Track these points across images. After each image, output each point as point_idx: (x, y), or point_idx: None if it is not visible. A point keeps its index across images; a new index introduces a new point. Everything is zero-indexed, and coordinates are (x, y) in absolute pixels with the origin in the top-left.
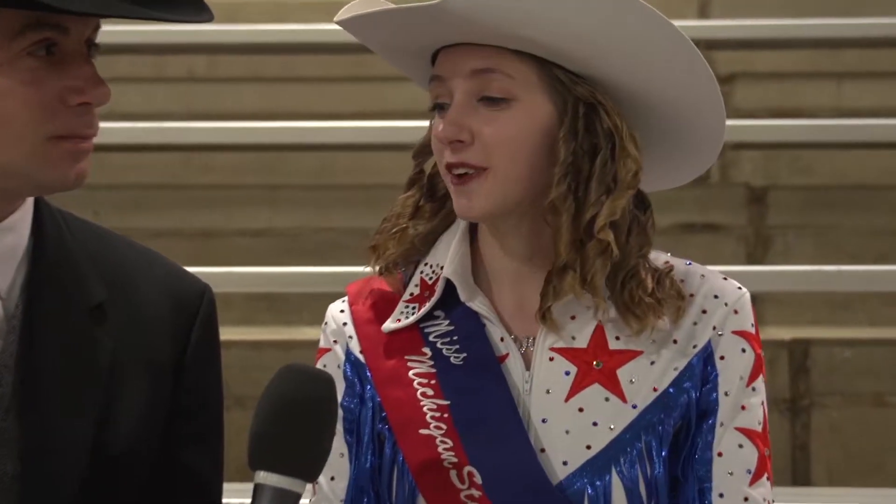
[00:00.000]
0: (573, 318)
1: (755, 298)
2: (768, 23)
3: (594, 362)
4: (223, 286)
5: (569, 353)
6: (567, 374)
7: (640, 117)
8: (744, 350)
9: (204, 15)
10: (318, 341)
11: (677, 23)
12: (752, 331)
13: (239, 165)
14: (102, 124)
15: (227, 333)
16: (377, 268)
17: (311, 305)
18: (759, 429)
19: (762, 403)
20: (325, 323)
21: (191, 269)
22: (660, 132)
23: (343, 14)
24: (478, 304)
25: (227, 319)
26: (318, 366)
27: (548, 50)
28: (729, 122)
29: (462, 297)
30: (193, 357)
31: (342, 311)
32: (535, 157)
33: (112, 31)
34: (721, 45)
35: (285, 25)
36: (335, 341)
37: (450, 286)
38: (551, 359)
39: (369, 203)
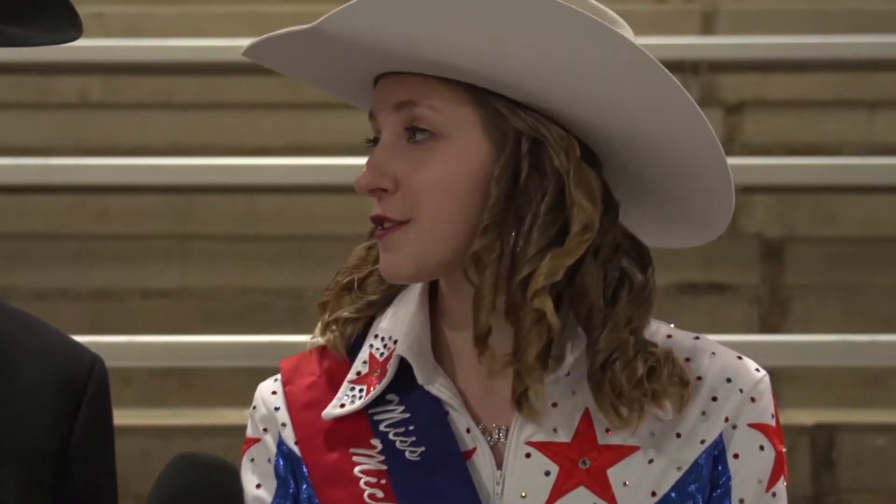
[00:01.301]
0: (555, 405)
1: (770, 374)
2: (785, 41)
3: (580, 460)
4: (121, 359)
5: (549, 449)
6: (547, 474)
7: (618, 161)
8: (762, 447)
9: (71, 32)
10: (238, 426)
11: (676, 40)
12: (773, 423)
13: (143, 211)
14: None
15: (125, 417)
16: (326, 332)
17: (230, 383)
18: None
19: None
20: (254, 407)
21: (81, 339)
22: (647, 180)
23: (249, 45)
24: (438, 388)
25: (125, 399)
26: (245, 460)
27: (480, 77)
28: (738, 161)
29: (420, 380)
30: (80, 445)
31: (274, 392)
32: (469, 205)
33: None
34: (728, 66)
35: (201, 40)
36: (265, 430)
37: (405, 364)
38: (528, 455)
39: (303, 258)
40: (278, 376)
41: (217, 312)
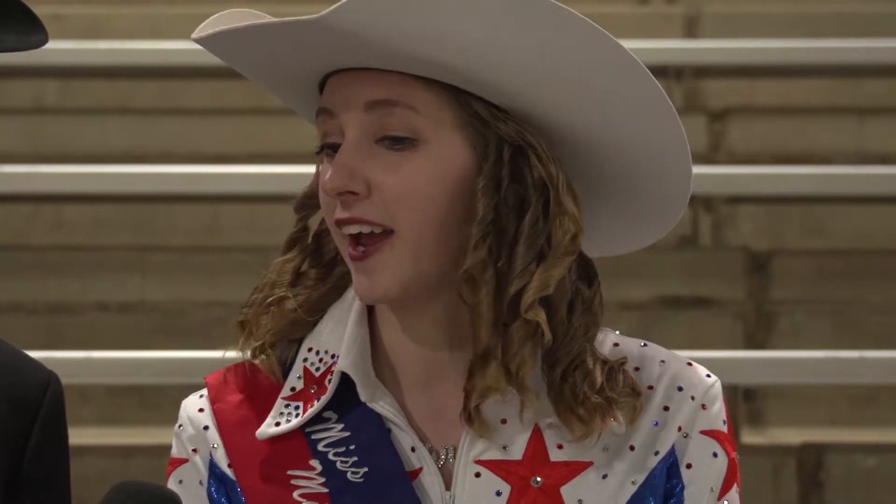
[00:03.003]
0: (504, 421)
1: (756, 392)
2: (772, 45)
3: (532, 478)
4: (79, 375)
5: (500, 467)
6: (498, 494)
7: (581, 162)
8: (715, 454)
9: (33, 36)
10: None
11: (658, 44)
12: (725, 429)
13: (101, 220)
14: None
15: (82, 436)
16: (249, 352)
17: None
18: None
19: None
20: (180, 426)
21: (36, 354)
22: (606, 181)
23: (202, 30)
24: (382, 406)
25: (83, 418)
26: (172, 482)
27: (464, 78)
28: (723, 170)
29: (362, 397)
30: (32, 469)
31: (201, 409)
32: (450, 214)
33: None
34: (713, 71)
35: (161, 43)
36: (194, 450)
37: (343, 381)
38: (478, 474)
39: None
40: (204, 392)
41: (179, 327)
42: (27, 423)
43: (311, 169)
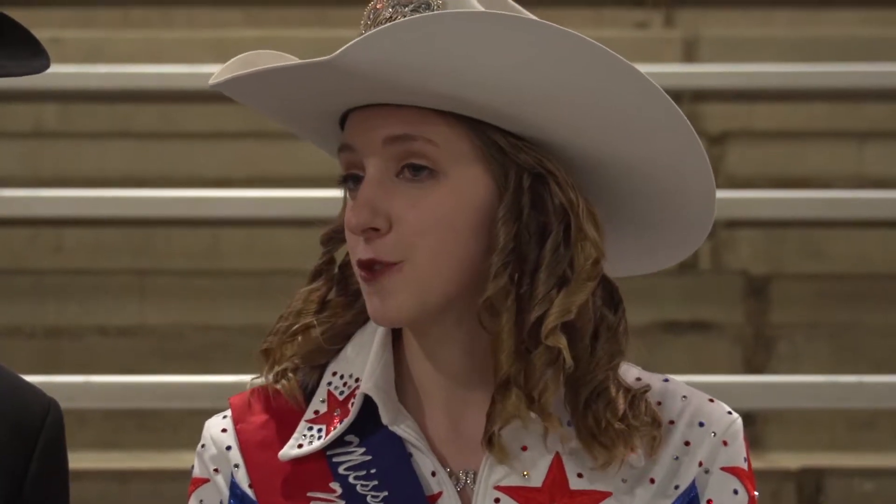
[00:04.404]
0: (524, 448)
1: (755, 417)
2: (771, 69)
3: None
4: (77, 399)
5: (519, 494)
6: None
7: (601, 188)
8: (736, 491)
9: (36, 61)
10: None
11: (657, 68)
12: (745, 466)
13: (100, 244)
14: None
15: (81, 460)
16: (271, 377)
17: (192, 424)
18: None
19: None
20: (202, 445)
21: (35, 379)
22: (628, 205)
23: (219, 76)
24: (403, 429)
25: (82, 442)
26: (192, 501)
27: (481, 110)
28: (722, 194)
29: (384, 420)
30: (32, 495)
31: (224, 430)
32: (470, 244)
33: None
34: (711, 95)
35: (160, 67)
36: (216, 470)
37: (366, 404)
38: (497, 500)
39: (267, 294)
40: (227, 413)
41: (177, 351)
42: (27, 450)
43: (310, 193)
